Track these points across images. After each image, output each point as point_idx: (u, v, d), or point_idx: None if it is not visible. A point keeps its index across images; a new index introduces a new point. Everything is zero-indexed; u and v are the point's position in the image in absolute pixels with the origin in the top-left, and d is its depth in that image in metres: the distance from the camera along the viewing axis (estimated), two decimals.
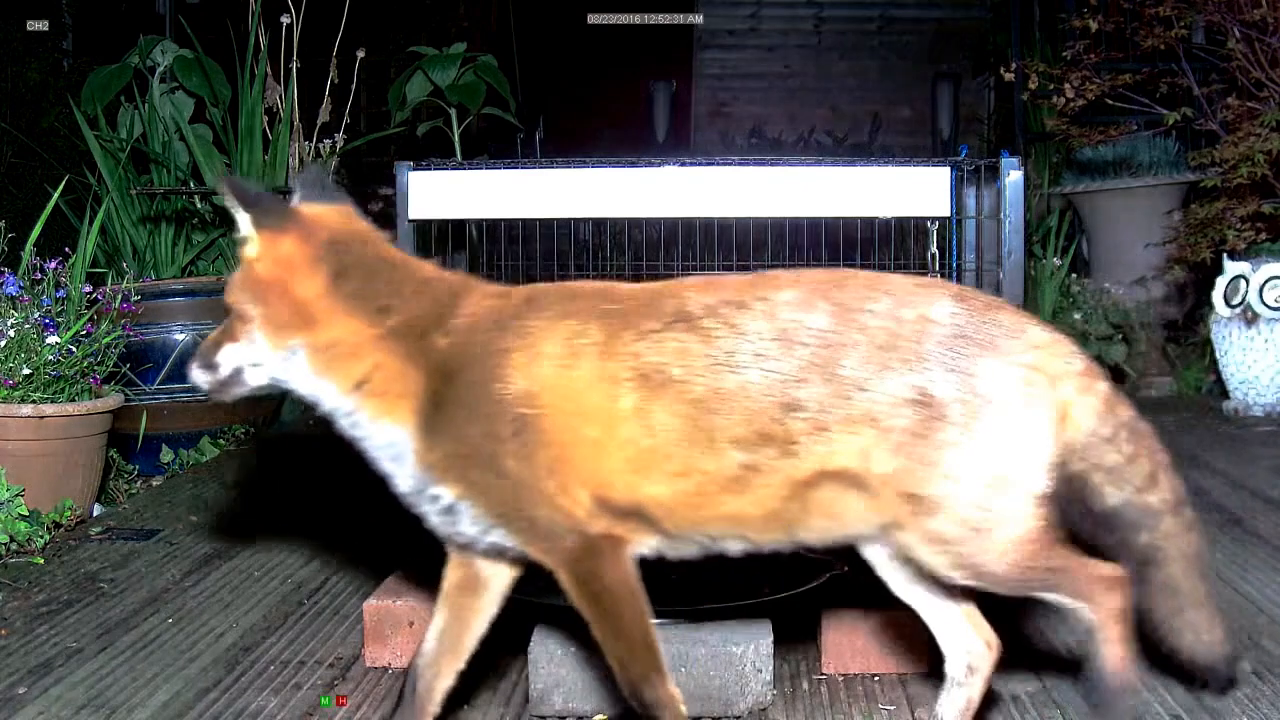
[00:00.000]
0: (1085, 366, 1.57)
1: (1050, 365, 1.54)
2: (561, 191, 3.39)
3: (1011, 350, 1.52)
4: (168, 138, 4.69)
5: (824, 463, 1.48)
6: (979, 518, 1.49)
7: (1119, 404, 1.60)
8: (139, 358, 3.83)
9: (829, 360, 1.49)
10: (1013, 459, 1.50)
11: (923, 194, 3.36)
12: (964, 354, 1.50)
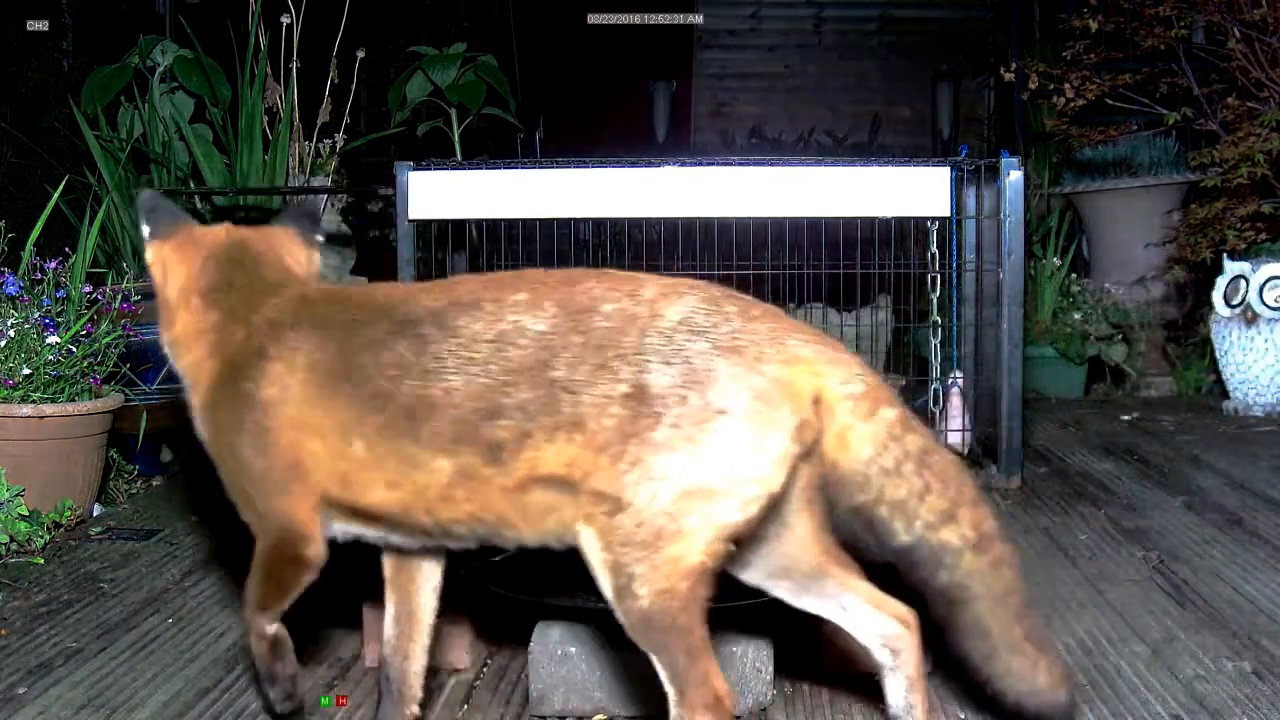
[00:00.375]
0: (867, 390, 1.46)
1: (807, 384, 1.42)
2: (561, 191, 3.39)
3: (757, 359, 1.41)
4: (168, 138, 4.69)
5: (532, 469, 1.42)
6: (659, 526, 1.37)
7: (909, 433, 1.48)
8: (139, 358, 3.82)
9: (541, 364, 1.43)
10: (718, 474, 1.38)
11: (923, 194, 3.37)
12: (692, 354, 1.40)
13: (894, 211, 3.40)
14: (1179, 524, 2.98)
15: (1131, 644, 2.15)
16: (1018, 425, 3.38)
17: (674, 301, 1.45)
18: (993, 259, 3.46)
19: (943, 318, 3.64)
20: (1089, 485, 3.44)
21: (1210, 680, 1.98)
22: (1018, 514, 3.13)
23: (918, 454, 1.48)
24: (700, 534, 1.38)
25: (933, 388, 3.67)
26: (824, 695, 1.95)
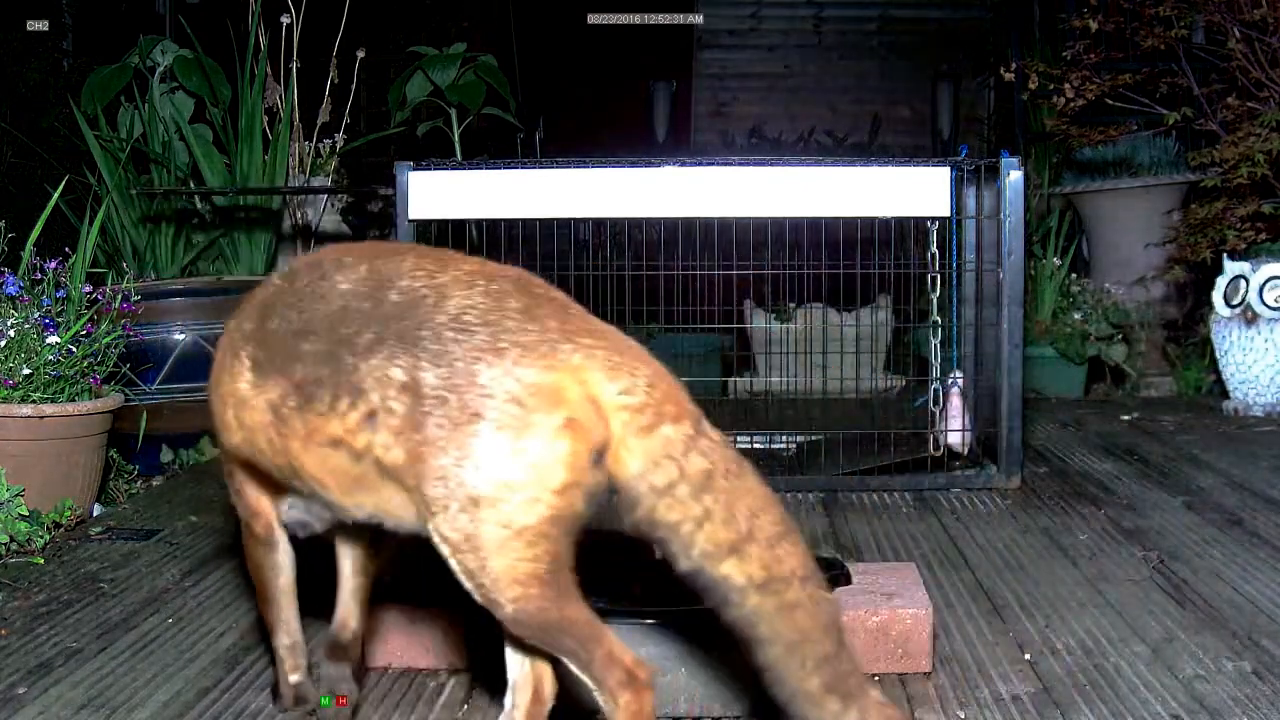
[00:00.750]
0: (645, 402, 1.36)
1: (574, 390, 1.35)
2: (561, 191, 3.39)
3: (516, 363, 1.35)
4: (168, 138, 4.69)
5: (323, 424, 1.44)
6: (468, 533, 1.34)
7: (693, 454, 1.36)
8: (139, 358, 3.82)
9: (335, 319, 1.45)
10: (483, 480, 1.33)
11: (923, 194, 3.37)
12: (458, 353, 1.36)
13: (894, 211, 3.40)
14: (1179, 524, 2.98)
15: (1131, 644, 2.15)
16: (1018, 425, 3.39)
17: (456, 293, 1.42)
18: (993, 259, 3.46)
19: (943, 318, 3.64)
20: (1089, 485, 3.44)
21: (1210, 680, 1.98)
22: (1018, 514, 3.13)
23: (699, 477, 1.36)
24: (506, 541, 1.34)
25: (933, 388, 3.67)
26: None
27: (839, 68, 9.48)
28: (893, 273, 3.80)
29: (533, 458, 1.34)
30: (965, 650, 2.14)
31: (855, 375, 4.63)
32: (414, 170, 3.38)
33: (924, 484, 3.43)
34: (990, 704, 1.90)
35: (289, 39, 5.03)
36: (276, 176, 4.77)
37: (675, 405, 1.39)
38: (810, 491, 3.40)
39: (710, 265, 3.75)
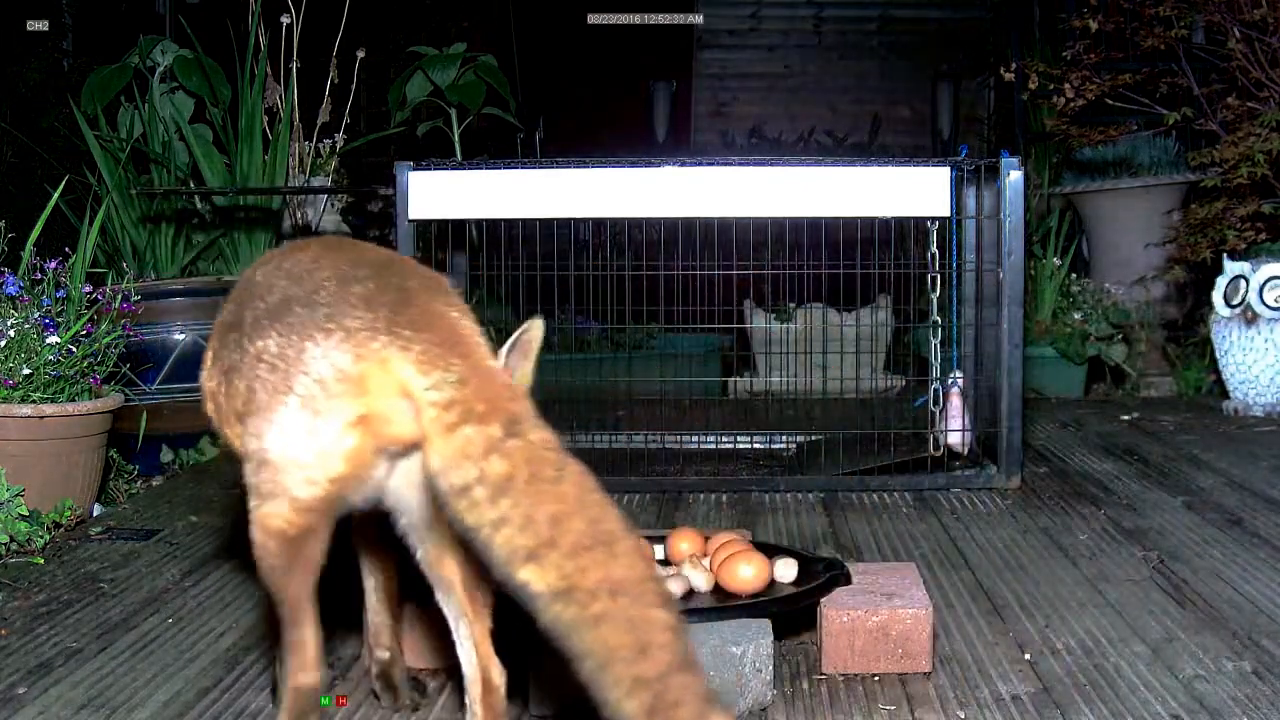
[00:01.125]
0: (451, 399, 1.35)
1: (381, 380, 1.38)
2: (561, 191, 3.39)
3: (335, 346, 1.40)
4: (168, 138, 4.69)
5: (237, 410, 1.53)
6: (253, 482, 1.45)
7: (495, 456, 1.32)
8: (139, 358, 3.82)
9: (242, 303, 1.57)
10: (278, 448, 1.42)
11: (923, 194, 3.37)
12: (295, 328, 1.43)
13: (894, 211, 3.40)
14: (1179, 524, 2.98)
15: (1131, 644, 2.15)
16: (1018, 425, 3.39)
17: (322, 272, 1.50)
18: (993, 259, 3.46)
19: (943, 318, 3.64)
20: (1089, 485, 3.44)
21: (1210, 680, 1.98)
22: (1018, 514, 3.13)
23: (498, 480, 1.31)
24: (276, 499, 1.43)
25: (933, 388, 3.67)
26: (824, 695, 1.95)
27: (839, 68, 9.48)
28: (893, 273, 3.80)
29: (322, 443, 1.40)
30: (965, 650, 2.14)
31: (855, 375, 4.62)
32: (414, 170, 3.38)
33: (924, 484, 3.43)
34: (990, 704, 1.90)
35: (289, 39, 5.03)
36: (276, 176, 4.77)
37: (486, 404, 1.35)
38: (810, 491, 3.40)
39: (710, 265, 3.75)
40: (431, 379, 1.36)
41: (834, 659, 2.02)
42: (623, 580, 1.27)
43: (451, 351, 1.39)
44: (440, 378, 1.36)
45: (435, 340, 1.40)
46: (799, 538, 2.94)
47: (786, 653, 2.11)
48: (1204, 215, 4.93)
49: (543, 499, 1.30)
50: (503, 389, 1.38)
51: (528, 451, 1.33)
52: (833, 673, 2.02)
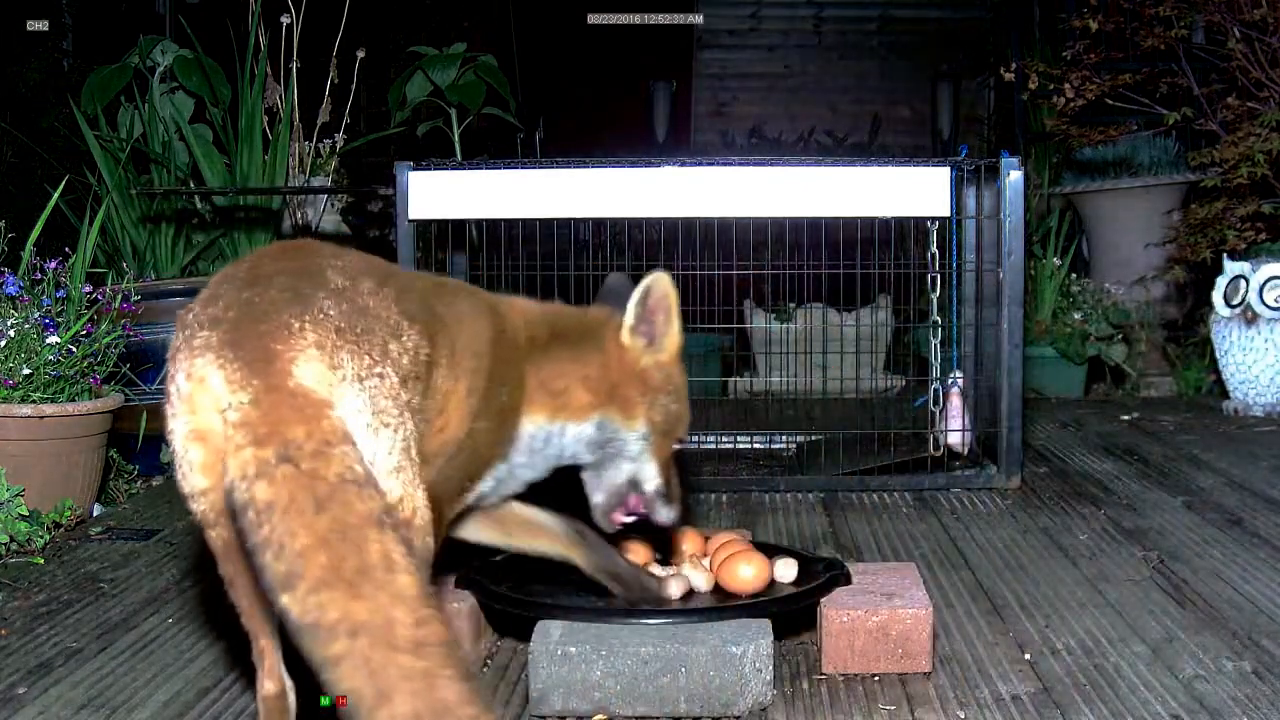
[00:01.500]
0: (239, 420, 1.36)
1: (203, 399, 1.41)
2: (561, 191, 3.39)
3: (185, 359, 1.44)
4: (168, 138, 4.69)
5: None
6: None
7: (263, 480, 1.31)
8: (139, 358, 3.82)
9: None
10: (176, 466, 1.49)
11: (923, 194, 3.37)
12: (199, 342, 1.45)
13: (894, 211, 3.40)
14: (1179, 524, 2.98)
15: (1131, 644, 2.15)
16: (1018, 425, 3.39)
17: (235, 288, 1.51)
18: (993, 259, 3.46)
19: (943, 318, 3.64)
20: (1089, 485, 3.44)
21: (1210, 680, 1.98)
22: (1018, 514, 3.13)
23: (261, 506, 1.30)
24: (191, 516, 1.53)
25: (933, 388, 3.67)
26: (824, 695, 1.95)
27: (839, 68, 9.48)
28: (893, 273, 3.79)
29: (182, 458, 1.46)
30: (965, 650, 2.14)
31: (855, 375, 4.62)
32: (414, 170, 3.38)
33: (924, 484, 3.43)
34: (990, 704, 1.90)
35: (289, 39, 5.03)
36: (276, 176, 4.77)
37: (268, 427, 1.35)
38: (810, 491, 3.40)
39: (710, 265, 3.75)
40: (229, 399, 1.38)
41: (834, 659, 2.02)
42: (364, 623, 1.23)
43: (253, 372, 1.39)
44: (234, 399, 1.38)
45: (245, 359, 1.40)
46: (799, 538, 2.93)
47: (786, 653, 2.11)
48: (1204, 215, 4.93)
49: (295, 531, 1.28)
50: (290, 413, 1.36)
51: (294, 480, 1.31)
52: (833, 673, 2.02)
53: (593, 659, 1.85)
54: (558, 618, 1.95)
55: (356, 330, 1.48)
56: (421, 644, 1.24)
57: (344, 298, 1.52)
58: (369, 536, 1.29)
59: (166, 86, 4.80)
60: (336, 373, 1.43)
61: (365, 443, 1.43)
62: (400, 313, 1.60)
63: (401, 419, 1.49)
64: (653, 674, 1.85)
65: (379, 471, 1.43)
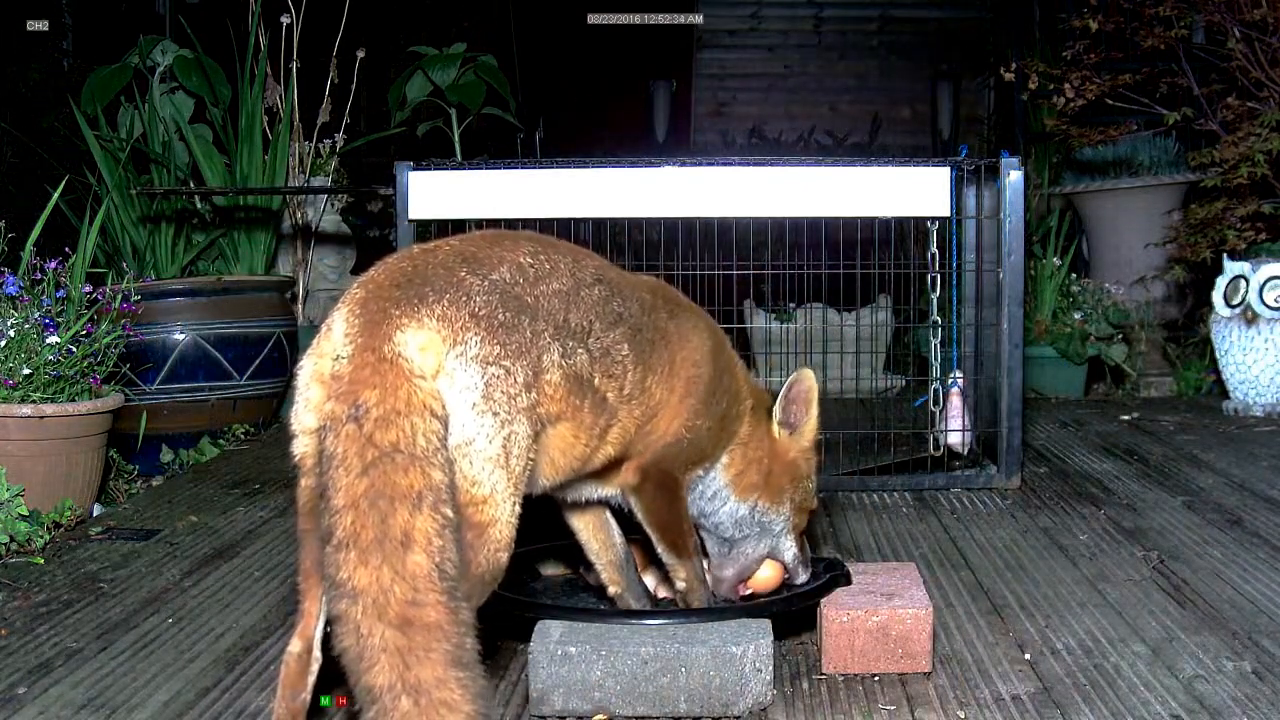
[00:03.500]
0: (335, 372, 1.44)
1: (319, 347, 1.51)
2: (561, 191, 3.39)
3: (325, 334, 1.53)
4: (168, 138, 4.69)
5: None
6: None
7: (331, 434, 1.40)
8: (139, 358, 3.83)
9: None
10: None
11: (923, 194, 3.37)
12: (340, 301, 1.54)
13: (894, 211, 3.40)
14: (1179, 524, 2.98)
15: (1131, 644, 2.15)
16: (1018, 425, 3.39)
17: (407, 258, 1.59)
18: (993, 259, 3.46)
19: (943, 318, 3.64)
20: (1089, 485, 3.44)
21: (1210, 680, 1.98)
22: (1017, 514, 3.13)
23: (325, 457, 1.39)
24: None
25: (933, 388, 3.67)
26: (824, 695, 1.95)
27: (839, 68, 9.48)
28: (893, 273, 3.79)
29: (300, 394, 1.51)
30: (965, 650, 2.14)
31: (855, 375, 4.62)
32: (414, 170, 3.38)
33: (924, 484, 3.43)
34: (990, 704, 1.90)
35: (289, 39, 5.03)
36: (276, 176, 4.77)
37: (349, 385, 1.41)
38: None
39: (710, 265, 3.75)
40: (341, 350, 1.47)
41: (834, 659, 2.02)
42: (363, 589, 1.32)
43: (362, 331, 1.47)
44: (343, 351, 1.46)
45: (365, 318, 1.48)
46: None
47: (786, 653, 2.11)
48: (1204, 215, 4.93)
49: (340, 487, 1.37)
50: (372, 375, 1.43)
51: (352, 440, 1.39)
52: (833, 673, 2.02)
53: (593, 659, 1.85)
54: (558, 618, 1.95)
55: (498, 320, 1.51)
56: (410, 622, 1.30)
57: (503, 289, 1.55)
58: (396, 510, 1.34)
59: (166, 86, 4.80)
60: (454, 348, 1.46)
61: (465, 421, 1.46)
62: (601, 315, 1.68)
63: (512, 417, 1.50)
64: (653, 674, 1.85)
65: (473, 455, 1.46)
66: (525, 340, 1.53)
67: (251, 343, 4.21)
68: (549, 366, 1.57)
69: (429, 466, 1.37)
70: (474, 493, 1.47)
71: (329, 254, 5.48)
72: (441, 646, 1.30)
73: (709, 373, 1.87)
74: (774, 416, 2.02)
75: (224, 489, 3.50)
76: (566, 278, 1.66)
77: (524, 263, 1.62)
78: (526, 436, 1.52)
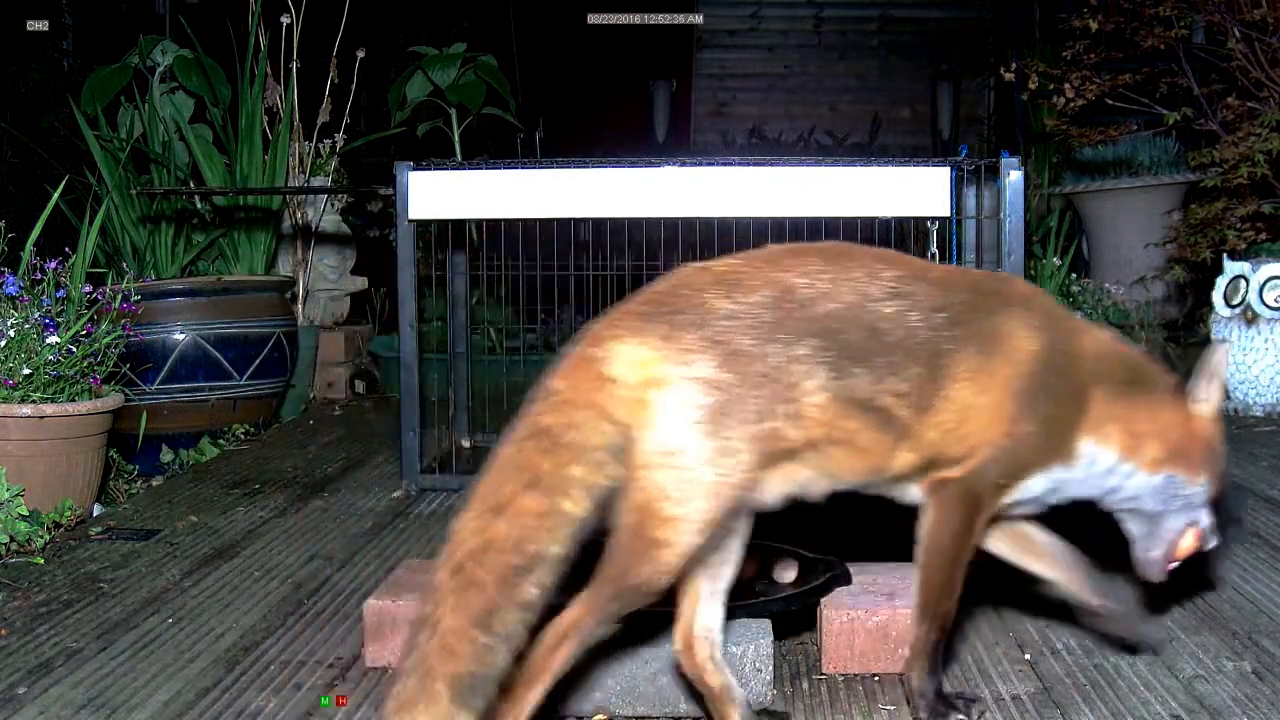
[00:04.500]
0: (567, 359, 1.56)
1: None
2: (561, 191, 3.39)
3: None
4: (168, 138, 4.69)
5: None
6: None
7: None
8: (139, 358, 3.83)
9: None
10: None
11: (923, 194, 3.36)
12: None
13: (894, 211, 3.40)
14: None
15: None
16: None
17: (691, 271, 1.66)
18: (993, 259, 3.46)
19: None
20: None
21: (1210, 680, 1.98)
22: None
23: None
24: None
25: None
26: (824, 695, 1.95)
27: (839, 68, 9.48)
28: None
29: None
30: (965, 650, 2.13)
31: None
32: (414, 170, 3.38)
33: None
34: (990, 704, 1.90)
35: (289, 39, 5.03)
36: (276, 176, 4.77)
37: (564, 374, 1.55)
38: None
39: None
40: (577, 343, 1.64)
41: (834, 659, 2.02)
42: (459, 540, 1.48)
43: (598, 330, 1.59)
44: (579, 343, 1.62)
45: (610, 319, 1.60)
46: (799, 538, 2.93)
47: (786, 653, 2.11)
48: (1204, 215, 4.93)
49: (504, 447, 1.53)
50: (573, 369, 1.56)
51: (532, 417, 1.54)
52: (833, 673, 2.02)
53: (592, 658, 1.85)
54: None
55: (736, 345, 1.53)
56: (462, 571, 1.44)
57: (754, 314, 1.56)
58: (513, 481, 1.47)
59: (166, 86, 4.80)
60: (676, 367, 1.50)
61: (672, 436, 1.49)
62: (893, 330, 1.63)
63: (730, 444, 1.50)
64: (653, 674, 1.85)
65: (670, 468, 1.49)
66: (769, 368, 1.54)
67: (251, 343, 4.21)
68: (811, 390, 1.56)
69: (569, 459, 1.47)
70: (659, 507, 1.49)
71: (329, 254, 5.49)
72: (475, 603, 1.41)
73: (1030, 372, 1.76)
74: (1196, 396, 1.94)
75: (224, 489, 3.50)
76: (849, 296, 1.63)
77: (797, 284, 1.61)
78: (745, 467, 1.52)
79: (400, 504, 3.26)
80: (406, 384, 3.41)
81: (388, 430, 4.22)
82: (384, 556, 2.77)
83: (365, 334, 5.60)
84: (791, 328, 1.57)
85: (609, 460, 1.48)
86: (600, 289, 3.85)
